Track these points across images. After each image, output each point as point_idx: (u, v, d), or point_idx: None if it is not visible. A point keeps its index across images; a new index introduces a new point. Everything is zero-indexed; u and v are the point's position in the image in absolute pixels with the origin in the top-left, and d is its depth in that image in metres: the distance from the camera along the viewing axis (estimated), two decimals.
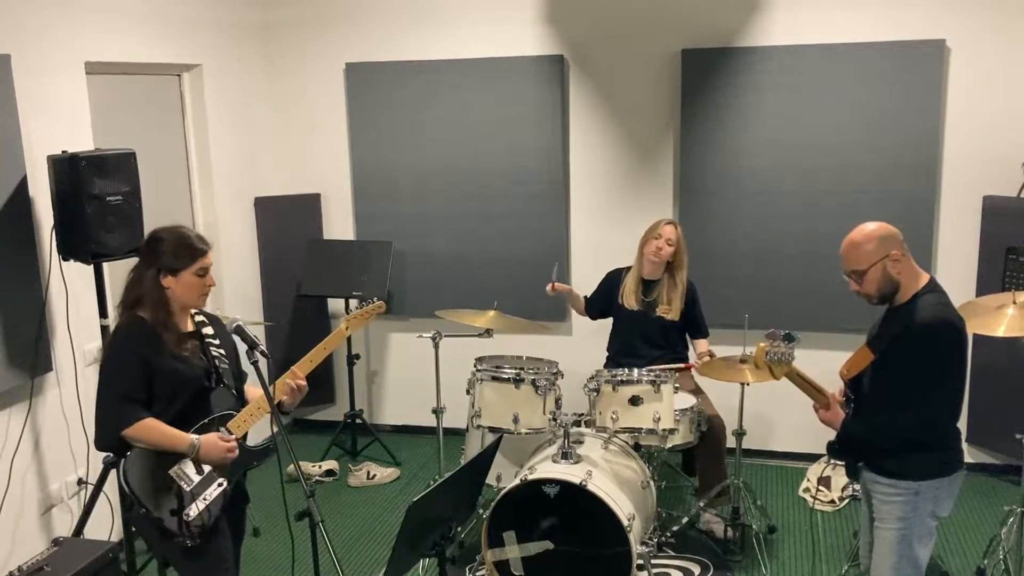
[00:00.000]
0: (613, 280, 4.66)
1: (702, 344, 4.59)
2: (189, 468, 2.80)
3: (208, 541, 2.82)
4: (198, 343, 2.92)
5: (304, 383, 3.01)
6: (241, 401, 2.97)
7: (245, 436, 2.95)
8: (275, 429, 2.73)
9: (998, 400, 4.76)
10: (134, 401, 2.75)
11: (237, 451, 2.86)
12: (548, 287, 4.59)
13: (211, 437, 2.82)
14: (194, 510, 2.78)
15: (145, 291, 2.82)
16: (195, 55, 5.03)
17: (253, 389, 3.06)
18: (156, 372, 2.77)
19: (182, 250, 2.84)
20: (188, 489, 2.78)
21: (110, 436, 2.80)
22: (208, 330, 2.97)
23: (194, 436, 2.79)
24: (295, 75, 5.66)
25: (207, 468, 2.82)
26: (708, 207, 5.14)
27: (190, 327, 2.94)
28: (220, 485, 2.85)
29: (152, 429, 2.75)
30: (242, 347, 2.91)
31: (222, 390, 2.91)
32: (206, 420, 2.85)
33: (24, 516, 3.87)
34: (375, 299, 3.34)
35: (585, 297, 4.78)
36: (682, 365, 4.46)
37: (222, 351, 2.95)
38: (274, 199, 5.63)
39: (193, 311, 2.95)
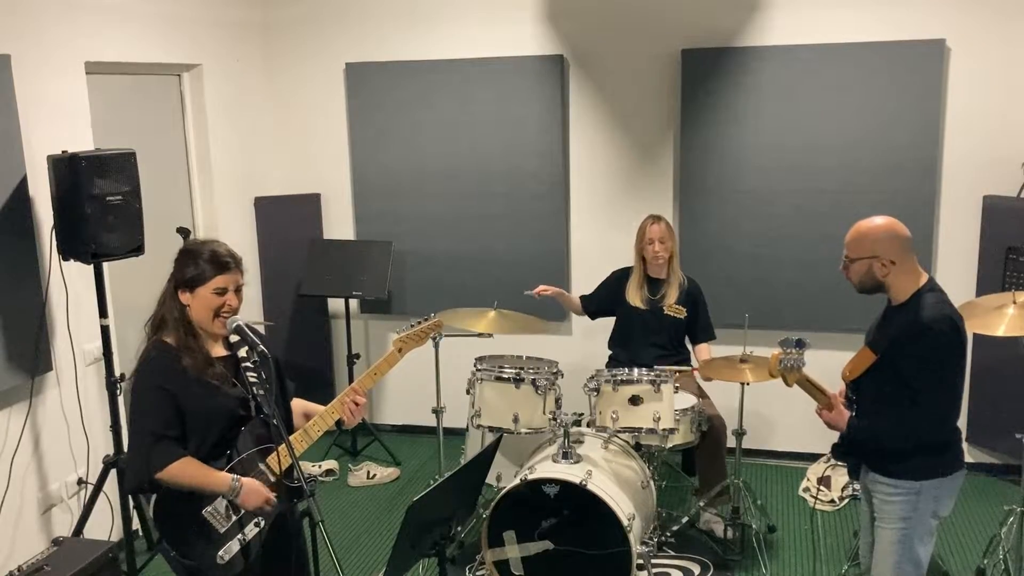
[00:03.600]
0: (620, 279, 4.64)
1: (704, 350, 4.55)
2: (223, 507, 2.59)
3: None
4: (231, 368, 2.67)
5: (364, 400, 2.82)
6: (285, 430, 2.65)
7: (290, 469, 2.66)
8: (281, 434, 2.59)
9: (998, 400, 4.76)
10: (166, 439, 2.53)
11: (275, 502, 2.64)
12: (534, 292, 4.60)
13: (253, 482, 2.60)
14: (228, 553, 2.58)
15: (167, 309, 2.63)
16: (195, 55, 5.03)
17: (300, 403, 2.92)
18: (183, 404, 2.55)
19: (199, 263, 2.61)
20: (222, 531, 2.59)
21: (141, 479, 2.56)
22: (243, 352, 2.66)
23: (234, 477, 2.57)
24: (295, 75, 5.66)
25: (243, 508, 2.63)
26: (708, 207, 5.13)
27: (222, 351, 2.70)
28: (257, 525, 2.64)
29: (187, 471, 2.53)
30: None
31: (260, 420, 2.66)
32: (244, 455, 2.63)
33: (24, 516, 3.87)
34: (432, 315, 3.08)
35: (581, 296, 4.78)
36: (686, 369, 4.45)
37: (262, 374, 2.63)
38: (274, 199, 5.63)
39: (229, 330, 2.66)
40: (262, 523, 2.66)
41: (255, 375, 2.64)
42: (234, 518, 2.62)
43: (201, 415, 2.59)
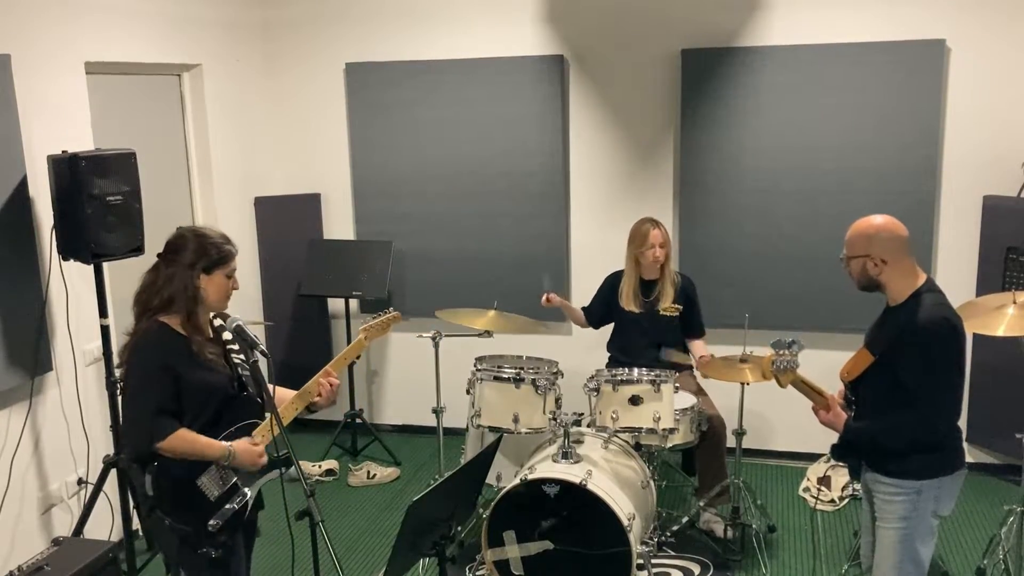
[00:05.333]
0: (613, 283, 4.64)
1: (699, 345, 4.57)
2: (214, 478, 2.74)
3: (229, 553, 2.78)
4: (221, 349, 2.84)
5: (337, 381, 2.97)
6: (264, 407, 2.88)
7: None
8: (275, 432, 2.71)
9: (998, 400, 4.76)
10: (166, 413, 2.67)
11: (266, 458, 2.79)
12: (543, 298, 4.60)
13: (244, 443, 2.75)
14: (218, 520, 2.72)
15: (176, 291, 2.71)
16: (195, 55, 5.03)
17: (282, 390, 3.01)
18: (184, 382, 2.69)
19: (218, 249, 2.79)
20: (213, 499, 2.73)
21: (142, 450, 2.70)
22: (227, 335, 2.87)
23: (227, 443, 2.72)
24: (295, 75, 5.66)
25: (232, 478, 2.77)
26: (708, 207, 5.13)
27: (210, 332, 2.86)
28: (244, 495, 2.79)
29: (186, 440, 2.67)
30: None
31: (245, 397, 2.84)
32: (232, 429, 2.78)
33: (24, 516, 3.87)
34: (390, 310, 3.24)
35: (583, 308, 4.77)
36: (687, 361, 4.44)
37: (242, 356, 2.84)
38: (274, 199, 5.63)
39: (212, 315, 2.86)
40: (248, 494, 2.80)
41: (240, 356, 2.84)
42: (224, 489, 2.75)
43: (201, 392, 2.72)
